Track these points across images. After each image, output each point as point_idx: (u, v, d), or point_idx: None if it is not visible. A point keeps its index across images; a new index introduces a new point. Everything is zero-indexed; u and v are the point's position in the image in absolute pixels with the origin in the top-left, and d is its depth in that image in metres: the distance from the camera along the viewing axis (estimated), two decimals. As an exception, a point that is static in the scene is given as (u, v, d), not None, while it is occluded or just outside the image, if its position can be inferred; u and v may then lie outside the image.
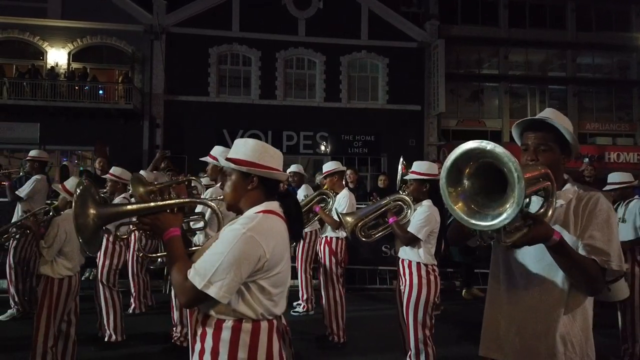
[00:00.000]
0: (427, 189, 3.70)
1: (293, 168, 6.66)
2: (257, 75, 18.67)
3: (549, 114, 1.82)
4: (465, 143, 1.52)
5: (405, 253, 3.67)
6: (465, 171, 1.56)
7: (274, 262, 1.72)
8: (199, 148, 7.64)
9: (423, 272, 3.56)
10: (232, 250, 1.64)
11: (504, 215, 1.44)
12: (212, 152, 3.78)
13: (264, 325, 1.74)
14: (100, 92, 17.14)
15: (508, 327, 1.81)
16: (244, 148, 1.86)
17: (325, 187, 4.84)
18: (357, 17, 19.10)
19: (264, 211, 1.79)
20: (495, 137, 21.08)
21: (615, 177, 4.52)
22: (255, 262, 1.67)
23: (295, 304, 5.99)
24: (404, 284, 3.64)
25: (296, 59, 19.16)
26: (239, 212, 1.86)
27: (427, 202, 3.66)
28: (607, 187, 4.52)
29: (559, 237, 1.59)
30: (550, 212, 1.67)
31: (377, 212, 3.82)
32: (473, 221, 1.52)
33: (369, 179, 17.69)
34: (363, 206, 4.83)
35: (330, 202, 4.70)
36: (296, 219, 1.92)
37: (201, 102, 17.99)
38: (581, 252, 1.66)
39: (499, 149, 1.44)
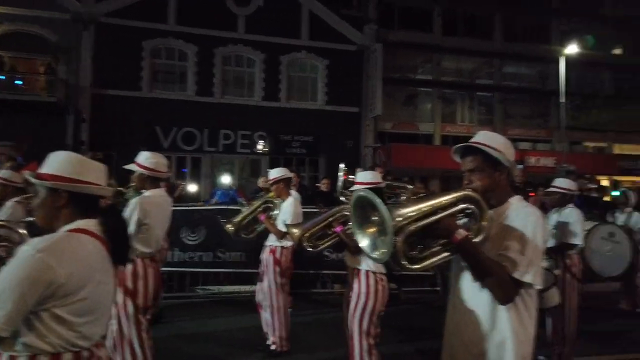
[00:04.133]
0: (373, 198, 3.73)
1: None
2: (194, 71, 18.09)
3: (479, 137, 1.90)
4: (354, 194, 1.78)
5: (354, 261, 3.67)
6: (368, 212, 1.71)
7: (72, 288, 1.51)
8: (129, 145, 7.33)
9: (372, 281, 3.58)
10: (16, 274, 1.44)
11: (378, 254, 1.66)
12: (137, 159, 3.53)
13: (67, 357, 1.54)
14: (19, 82, 15.86)
15: (452, 339, 1.91)
16: (54, 161, 1.71)
17: (271, 194, 4.75)
18: (297, 17, 19.04)
19: (72, 230, 1.63)
20: (427, 140, 21.92)
21: (560, 182, 4.69)
22: (44, 287, 1.46)
23: None
24: (353, 292, 3.65)
25: (235, 56, 18.77)
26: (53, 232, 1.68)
27: (373, 211, 3.67)
28: (551, 189, 4.75)
29: (462, 236, 1.69)
30: (481, 234, 1.76)
31: (324, 222, 3.79)
32: (372, 255, 1.71)
33: (307, 180, 17.71)
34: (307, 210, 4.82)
35: (276, 211, 4.62)
36: (118, 240, 1.73)
37: (132, 97, 17.11)
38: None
39: (364, 194, 1.67)
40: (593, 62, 22.69)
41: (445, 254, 1.75)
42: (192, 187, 11.65)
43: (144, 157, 3.48)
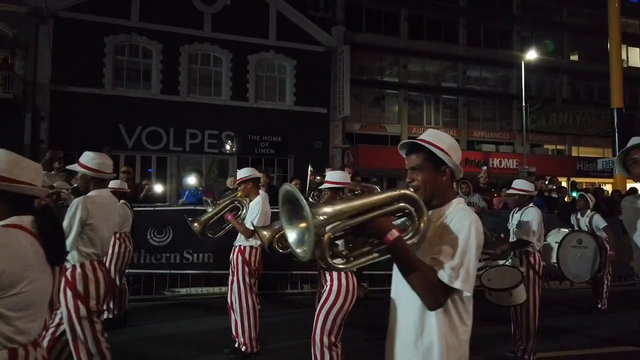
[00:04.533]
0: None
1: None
2: (159, 69, 17.70)
3: (426, 135, 1.84)
4: (280, 189, 1.61)
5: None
6: (297, 208, 1.58)
7: (8, 282, 1.54)
8: (91, 144, 7.20)
9: (343, 280, 3.60)
10: None
11: (301, 251, 1.53)
12: (80, 159, 3.42)
13: (3, 354, 1.56)
14: (-28, 77, 15.12)
15: (389, 343, 1.87)
16: None
17: (239, 194, 4.69)
18: (265, 17, 18.93)
19: (5, 225, 1.65)
20: (395, 141, 22.18)
21: (518, 184, 4.84)
22: None
23: None
24: (324, 289, 3.66)
25: (201, 55, 18.48)
26: None
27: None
28: (510, 191, 4.90)
29: (394, 237, 1.59)
30: (416, 235, 1.67)
31: (293, 223, 3.78)
32: (296, 251, 1.58)
33: (276, 180, 17.63)
34: (276, 210, 4.76)
35: (244, 210, 4.58)
36: (52, 240, 1.73)
37: (94, 95, 16.57)
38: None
39: (289, 188, 1.55)
40: (551, 67, 23.61)
41: (375, 254, 1.66)
42: (158, 188, 11.37)
43: (88, 158, 3.37)
